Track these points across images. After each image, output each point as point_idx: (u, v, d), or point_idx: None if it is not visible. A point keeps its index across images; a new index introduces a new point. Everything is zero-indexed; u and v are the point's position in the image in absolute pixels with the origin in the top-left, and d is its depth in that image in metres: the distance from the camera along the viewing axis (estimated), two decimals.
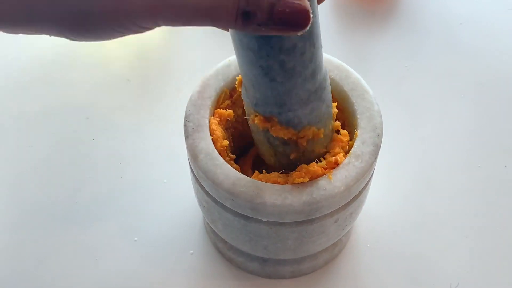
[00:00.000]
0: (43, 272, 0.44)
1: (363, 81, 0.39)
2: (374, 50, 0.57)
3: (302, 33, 0.27)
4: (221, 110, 0.38)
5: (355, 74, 0.39)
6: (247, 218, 0.36)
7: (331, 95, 0.36)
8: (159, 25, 0.25)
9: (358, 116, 0.37)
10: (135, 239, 0.46)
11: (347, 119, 0.39)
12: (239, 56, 0.32)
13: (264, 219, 0.36)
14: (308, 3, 0.26)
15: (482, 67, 0.55)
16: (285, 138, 0.35)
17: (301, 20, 0.26)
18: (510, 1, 0.60)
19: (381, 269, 0.45)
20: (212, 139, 0.36)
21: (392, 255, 0.45)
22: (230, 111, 0.38)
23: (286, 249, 0.39)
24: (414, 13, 0.59)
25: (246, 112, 0.36)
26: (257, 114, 0.34)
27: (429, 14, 0.59)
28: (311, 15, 0.26)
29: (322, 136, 0.36)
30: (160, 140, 0.51)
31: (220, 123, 0.38)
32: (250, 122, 0.36)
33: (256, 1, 0.25)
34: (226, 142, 0.37)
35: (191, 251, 0.46)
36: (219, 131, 0.37)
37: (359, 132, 0.37)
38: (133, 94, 0.54)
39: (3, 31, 0.25)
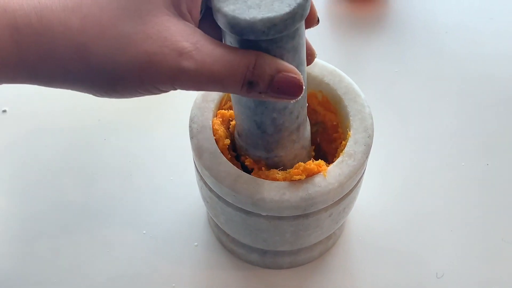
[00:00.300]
0: (61, 261, 0.45)
1: (355, 85, 0.39)
2: (365, 56, 0.57)
3: (295, 101, 0.29)
4: (223, 111, 0.38)
5: (348, 78, 0.39)
6: (247, 212, 0.36)
7: (310, 143, 0.38)
8: (175, 89, 0.27)
9: (350, 118, 0.37)
10: (144, 231, 0.46)
11: (340, 120, 0.39)
12: (237, 110, 0.35)
13: (264, 214, 0.36)
14: (302, 76, 0.28)
15: (466, 72, 0.55)
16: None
17: (295, 91, 0.28)
18: (491, 11, 0.59)
19: (371, 260, 0.45)
20: (215, 138, 0.36)
21: (381, 247, 0.45)
22: (231, 111, 0.39)
23: (284, 242, 0.39)
24: (403, 22, 0.59)
25: (238, 151, 0.38)
26: (247, 157, 0.37)
27: (416, 23, 0.59)
28: (304, 86, 0.28)
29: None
30: (167, 140, 0.51)
31: (222, 123, 0.38)
32: (241, 159, 0.38)
33: (259, 73, 0.27)
34: (227, 141, 0.37)
35: (196, 243, 0.45)
36: (221, 131, 0.37)
37: (351, 133, 0.37)
38: (142, 98, 0.53)
39: (39, 85, 0.26)
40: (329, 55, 0.56)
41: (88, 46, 0.25)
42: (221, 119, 0.38)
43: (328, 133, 0.40)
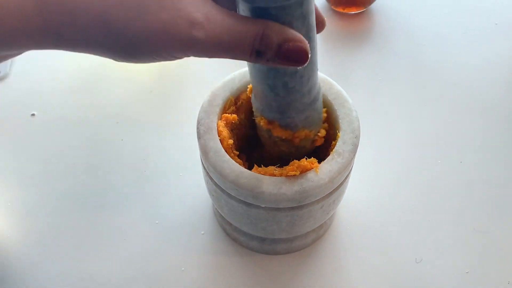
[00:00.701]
0: (80, 249, 0.45)
1: (343, 92, 0.39)
2: (352, 66, 0.57)
3: (301, 67, 0.28)
4: (227, 114, 0.38)
5: (337, 86, 0.39)
6: (248, 204, 0.36)
7: (322, 104, 0.37)
8: (188, 56, 0.27)
9: (339, 120, 0.37)
10: (156, 222, 0.46)
11: (330, 123, 0.39)
12: (251, 74, 0.33)
13: (263, 206, 0.36)
14: (308, 44, 0.27)
15: (442, 80, 0.55)
16: (283, 137, 0.36)
17: (301, 58, 0.27)
18: (465, 26, 0.60)
19: (358, 246, 0.45)
20: (219, 139, 0.36)
21: (367, 234, 0.45)
22: (234, 115, 0.39)
23: (281, 230, 0.39)
24: (386, 36, 0.59)
25: (254, 113, 0.37)
26: (262, 117, 0.35)
27: (398, 37, 0.59)
28: (309, 54, 0.27)
29: (312, 136, 0.37)
30: (177, 140, 0.50)
31: (226, 125, 0.38)
32: (256, 121, 0.37)
33: (267, 43, 0.26)
34: (231, 141, 0.37)
35: (202, 232, 0.46)
36: (225, 132, 0.37)
37: (340, 134, 0.37)
38: (155, 103, 0.54)
39: (64, 50, 0.26)
40: (321, 64, 0.55)
41: (108, 14, 0.24)
42: (225, 122, 0.38)
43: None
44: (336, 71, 0.56)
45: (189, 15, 0.25)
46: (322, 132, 0.38)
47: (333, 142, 0.37)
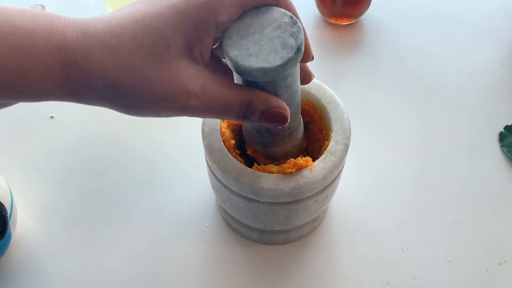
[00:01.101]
0: (95, 239, 0.44)
1: (336, 96, 0.39)
2: (344, 72, 0.56)
3: (282, 127, 0.30)
4: None
5: (330, 90, 0.39)
6: (249, 199, 0.36)
7: (302, 139, 0.38)
8: (183, 116, 0.28)
9: (332, 122, 0.37)
10: (165, 215, 0.46)
11: (324, 124, 0.39)
12: None
13: (262, 200, 0.35)
14: (287, 109, 0.29)
15: (425, 86, 0.55)
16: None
17: (281, 120, 0.29)
18: (446, 37, 0.59)
19: (349, 237, 0.45)
20: (222, 139, 0.36)
21: (357, 226, 0.45)
22: None
23: (279, 223, 0.39)
24: (374, 45, 0.59)
25: (245, 142, 0.38)
26: (249, 146, 0.37)
27: (386, 46, 0.59)
28: (288, 118, 0.29)
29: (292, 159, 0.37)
30: (184, 140, 0.50)
31: (228, 127, 0.38)
32: (246, 146, 0.38)
33: (252, 110, 0.28)
34: (233, 142, 0.37)
35: (207, 224, 0.45)
36: (228, 133, 0.37)
37: (333, 134, 0.37)
38: None
39: (81, 103, 0.27)
40: (315, 71, 0.55)
41: (117, 82, 0.26)
42: (227, 123, 0.38)
43: (314, 134, 0.40)
44: (329, 77, 0.56)
45: (186, 86, 0.26)
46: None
47: (326, 142, 0.37)
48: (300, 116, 0.36)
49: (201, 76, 0.27)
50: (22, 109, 0.53)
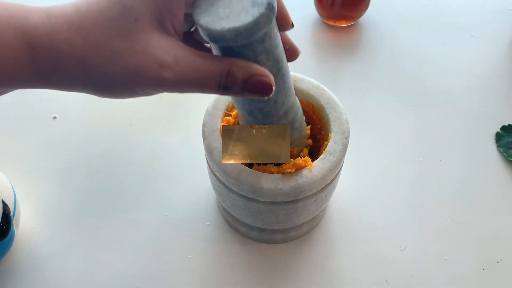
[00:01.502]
0: (98, 238, 0.44)
1: (335, 97, 0.39)
2: (343, 73, 0.56)
3: (268, 97, 0.28)
4: (229, 117, 0.38)
5: (329, 91, 0.39)
6: (249, 199, 0.36)
7: (305, 123, 0.36)
8: (161, 92, 0.27)
9: (331, 123, 0.37)
10: (166, 214, 0.46)
11: (323, 125, 0.39)
12: (233, 101, 0.33)
13: (262, 200, 0.35)
14: (271, 76, 0.27)
15: (423, 86, 0.55)
16: None
17: (265, 90, 0.27)
18: (443, 38, 0.59)
19: (347, 235, 0.45)
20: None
21: (355, 226, 0.45)
22: (237, 118, 0.38)
23: (278, 222, 0.39)
24: (373, 47, 0.59)
25: None
26: None
27: (383, 47, 0.59)
28: (273, 85, 0.27)
29: (295, 153, 0.36)
30: (184, 141, 0.50)
31: None
32: None
33: (232, 79, 0.26)
34: None
35: (207, 223, 0.45)
36: None
37: (332, 135, 0.37)
38: (164, 107, 0.54)
39: (55, 89, 0.26)
40: (314, 73, 0.56)
41: (87, 60, 0.25)
42: (226, 124, 0.38)
43: (313, 135, 0.40)
44: (328, 78, 0.56)
45: (158, 57, 0.25)
46: (305, 152, 0.37)
47: (325, 143, 0.37)
48: (296, 97, 0.35)
49: (174, 47, 0.26)
50: (25, 109, 0.53)
